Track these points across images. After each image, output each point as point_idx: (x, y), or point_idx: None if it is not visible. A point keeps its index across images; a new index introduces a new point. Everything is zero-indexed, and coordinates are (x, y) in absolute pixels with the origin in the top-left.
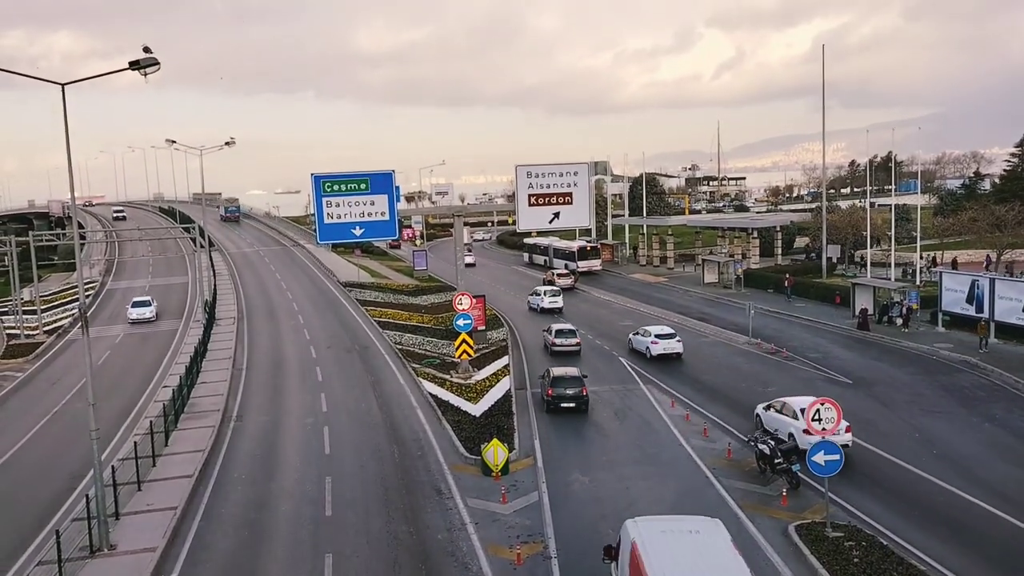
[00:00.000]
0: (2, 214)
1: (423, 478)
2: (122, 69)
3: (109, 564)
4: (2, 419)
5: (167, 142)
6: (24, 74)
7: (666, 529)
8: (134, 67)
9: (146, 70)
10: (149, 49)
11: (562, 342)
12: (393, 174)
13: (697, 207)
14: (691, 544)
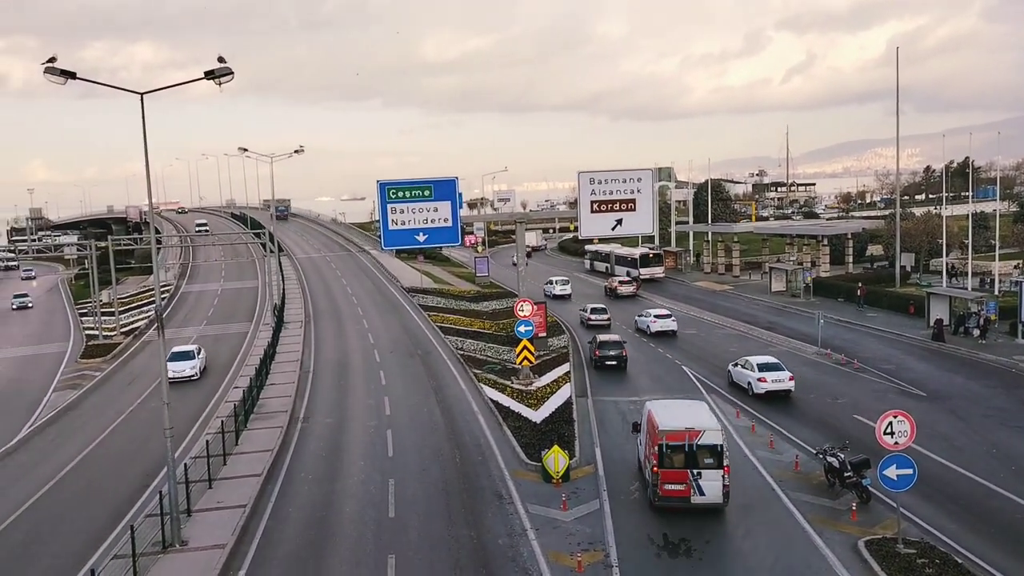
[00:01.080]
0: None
1: (484, 483)
2: (198, 79)
3: (181, 560)
4: (81, 417)
5: (239, 150)
6: (105, 84)
7: (668, 403)
8: (209, 76)
9: (220, 79)
10: (223, 59)
11: (596, 318)
12: (456, 181)
13: (764, 214)
14: (683, 407)
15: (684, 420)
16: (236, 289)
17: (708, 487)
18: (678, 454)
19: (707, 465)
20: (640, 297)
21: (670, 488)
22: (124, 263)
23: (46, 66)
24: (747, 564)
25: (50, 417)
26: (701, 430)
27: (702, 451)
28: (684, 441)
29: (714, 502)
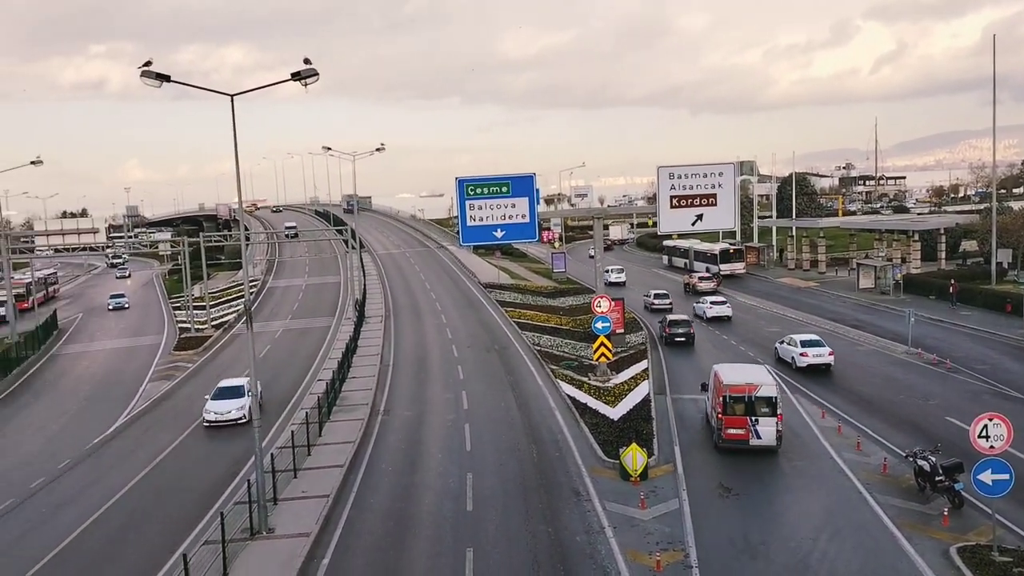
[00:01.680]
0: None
1: (561, 479)
2: (284, 80)
3: (267, 546)
4: (174, 407)
5: (323, 148)
6: (198, 86)
7: (732, 365)
8: (295, 78)
9: (306, 80)
10: (309, 61)
11: (658, 302)
12: (534, 177)
13: (851, 208)
14: (745, 368)
15: (745, 377)
16: (319, 284)
17: (764, 432)
18: (739, 404)
19: (763, 414)
20: (720, 294)
21: (732, 432)
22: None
23: (143, 70)
24: (832, 569)
25: (145, 407)
26: (759, 384)
27: (759, 402)
28: (744, 394)
29: (768, 444)
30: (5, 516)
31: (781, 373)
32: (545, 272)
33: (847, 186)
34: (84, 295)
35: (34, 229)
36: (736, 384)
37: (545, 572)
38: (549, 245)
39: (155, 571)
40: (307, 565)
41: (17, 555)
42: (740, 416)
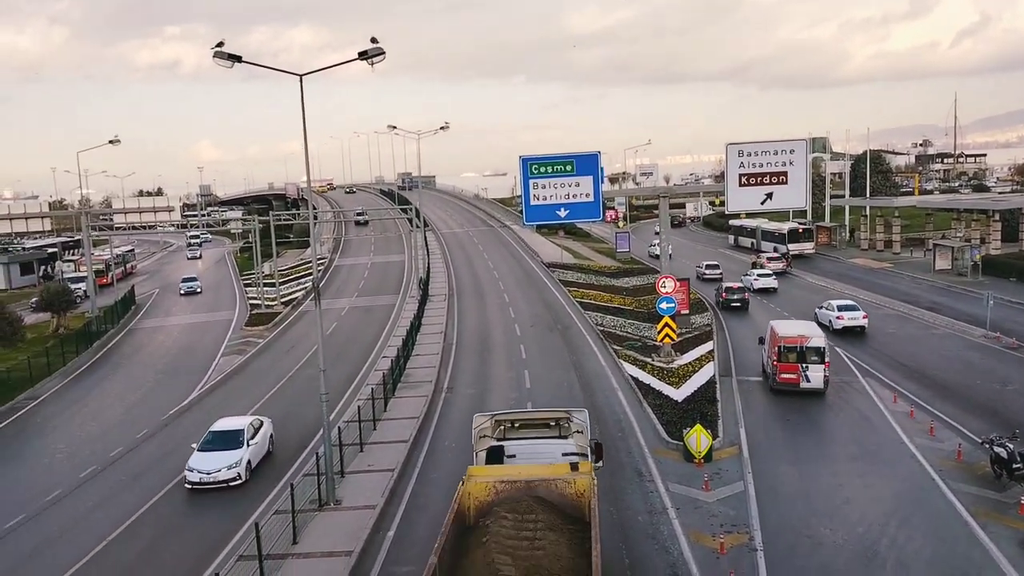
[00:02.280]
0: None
1: (624, 459)
2: (352, 59)
3: (335, 517)
4: (246, 380)
5: (388, 128)
6: (268, 66)
7: (786, 321)
8: (363, 57)
9: (373, 59)
10: (376, 40)
11: (709, 272)
12: (598, 155)
13: (928, 187)
14: (797, 323)
15: (797, 330)
16: (384, 263)
17: (813, 377)
18: (792, 353)
19: (813, 361)
20: (790, 275)
21: (785, 376)
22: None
23: (215, 51)
24: (902, 556)
25: (219, 380)
26: (810, 336)
27: (809, 351)
28: (796, 344)
29: (816, 387)
30: (86, 483)
31: (853, 356)
32: (609, 252)
33: (924, 164)
34: (160, 272)
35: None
36: (790, 336)
37: (606, 550)
38: (613, 224)
39: (228, 539)
40: (373, 536)
41: (96, 521)
42: (793, 363)
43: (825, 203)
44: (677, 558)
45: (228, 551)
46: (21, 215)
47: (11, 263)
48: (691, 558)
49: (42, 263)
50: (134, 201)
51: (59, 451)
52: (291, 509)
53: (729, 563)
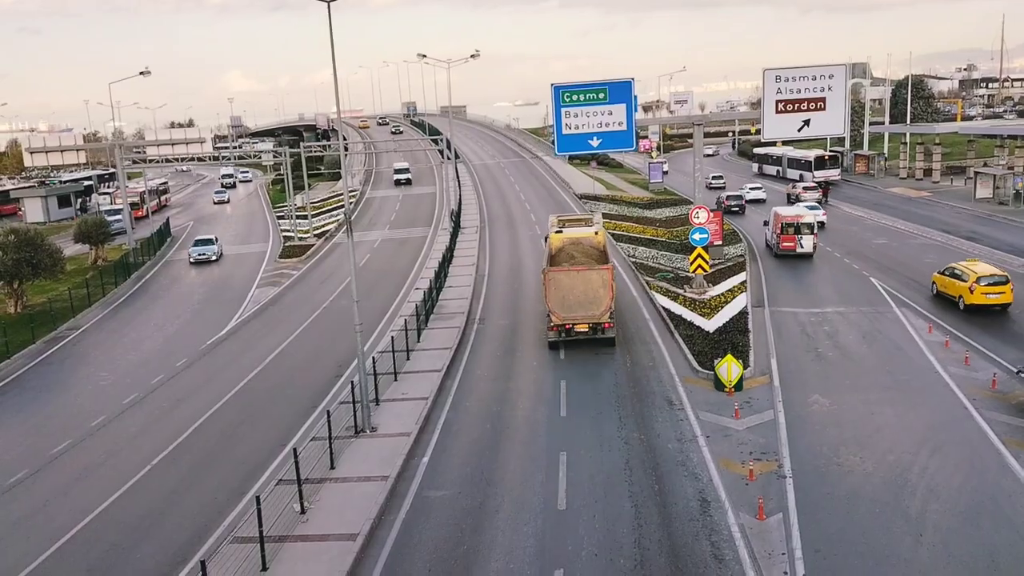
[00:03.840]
0: (277, 127)
1: (654, 388)
2: None
3: (370, 444)
4: (282, 311)
5: (418, 56)
6: None
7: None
8: None
9: None
10: None
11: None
12: (632, 83)
13: (971, 113)
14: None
15: (795, 212)
16: (416, 195)
17: (806, 243)
18: (791, 228)
19: (805, 233)
20: (829, 204)
21: (786, 244)
22: (315, 169)
23: None
24: (932, 483)
25: (254, 311)
26: (803, 215)
27: (803, 226)
28: (794, 221)
29: (808, 251)
30: (131, 408)
31: (887, 286)
32: (642, 183)
33: (968, 89)
34: (194, 204)
35: (145, 140)
36: (789, 215)
37: (637, 477)
38: (646, 154)
39: (267, 464)
40: (407, 463)
41: (140, 446)
42: (791, 235)
43: (864, 130)
44: (706, 484)
45: (268, 475)
46: (56, 148)
47: (49, 196)
48: (720, 484)
49: (79, 196)
50: (166, 133)
51: (102, 379)
52: (328, 435)
53: (758, 489)
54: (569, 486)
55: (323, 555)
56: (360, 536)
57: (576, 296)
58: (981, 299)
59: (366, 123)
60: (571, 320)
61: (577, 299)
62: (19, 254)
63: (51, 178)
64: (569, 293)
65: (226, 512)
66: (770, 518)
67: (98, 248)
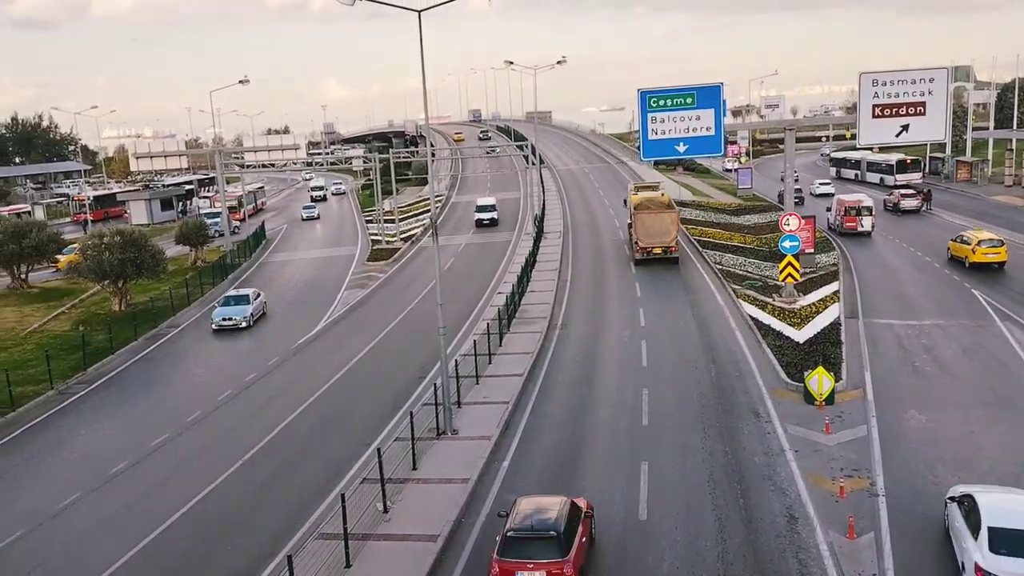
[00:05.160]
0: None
1: (740, 399)
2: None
3: (451, 446)
4: (369, 312)
5: (505, 63)
6: (387, 3)
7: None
8: None
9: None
10: None
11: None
12: (721, 87)
13: None
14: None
15: (856, 197)
16: (500, 200)
17: (865, 223)
18: (852, 209)
19: (864, 215)
20: (931, 214)
21: (849, 224)
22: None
23: None
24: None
25: (343, 312)
26: (863, 199)
27: (863, 209)
28: (855, 204)
29: (867, 230)
30: (225, 404)
31: (991, 298)
32: (730, 188)
33: None
34: (288, 208)
35: (243, 146)
36: (851, 200)
37: (721, 489)
38: (735, 160)
39: (352, 462)
40: (488, 466)
41: (234, 440)
42: (853, 217)
43: (967, 136)
44: (794, 500)
45: (352, 474)
46: (160, 153)
47: (152, 199)
48: (808, 500)
49: (180, 199)
50: (263, 140)
51: (199, 375)
52: (411, 436)
53: (848, 507)
54: (651, 496)
55: (404, 555)
56: (440, 538)
57: (655, 229)
58: (982, 258)
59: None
60: (650, 245)
61: (655, 231)
62: (124, 254)
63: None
64: (650, 227)
65: (312, 508)
66: (861, 537)
67: (197, 249)
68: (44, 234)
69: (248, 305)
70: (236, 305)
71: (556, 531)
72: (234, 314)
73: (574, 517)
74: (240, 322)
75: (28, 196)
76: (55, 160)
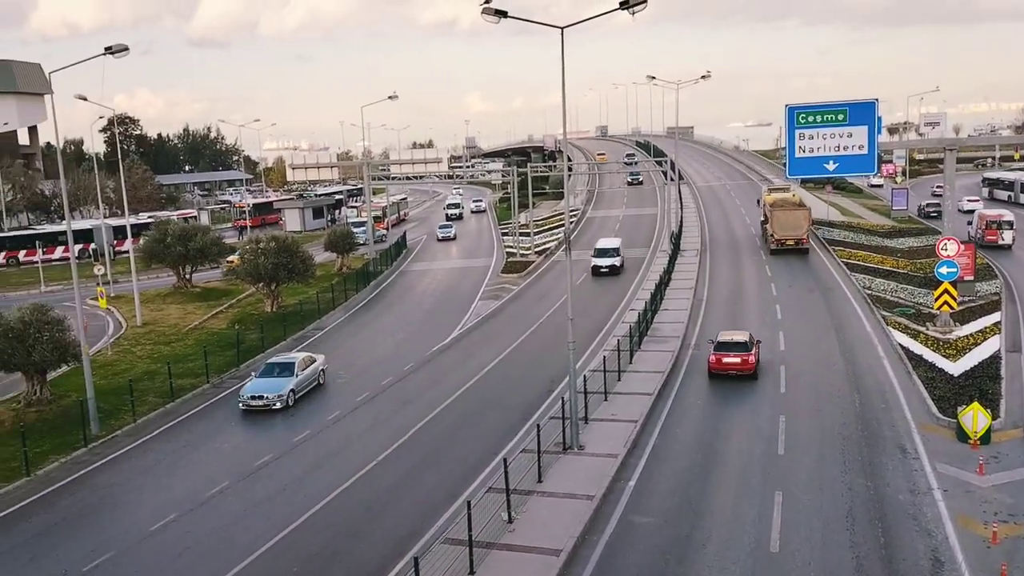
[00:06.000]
0: (507, 148)
1: (886, 433)
2: (613, 10)
3: (577, 462)
4: (501, 323)
5: (647, 78)
6: (531, 20)
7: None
8: (624, 7)
9: (634, 8)
10: None
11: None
12: (875, 103)
13: None
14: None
15: (997, 211)
16: (636, 216)
17: (1006, 236)
18: (994, 223)
19: (1005, 229)
20: None
21: (990, 238)
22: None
23: (483, 7)
24: None
25: (476, 322)
26: (1004, 214)
27: (1003, 224)
28: (997, 219)
29: (1007, 243)
30: (363, 406)
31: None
32: (883, 210)
33: None
34: (428, 219)
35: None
36: (992, 215)
37: (861, 527)
38: (889, 179)
39: (479, 470)
40: (614, 484)
41: (369, 441)
42: (994, 230)
43: None
44: (940, 543)
45: (479, 482)
46: (314, 165)
47: (305, 208)
48: (956, 544)
49: (330, 208)
50: (408, 153)
51: (340, 377)
52: (537, 449)
53: (1001, 554)
54: (784, 528)
55: (527, 567)
56: (564, 552)
57: (788, 224)
58: None
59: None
60: (784, 237)
61: (789, 225)
62: (278, 259)
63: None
64: (784, 222)
65: (440, 512)
66: None
67: (343, 256)
68: (207, 238)
69: (290, 378)
70: (276, 376)
71: (746, 340)
72: (267, 390)
73: (753, 339)
74: (273, 401)
75: (195, 202)
76: (220, 169)
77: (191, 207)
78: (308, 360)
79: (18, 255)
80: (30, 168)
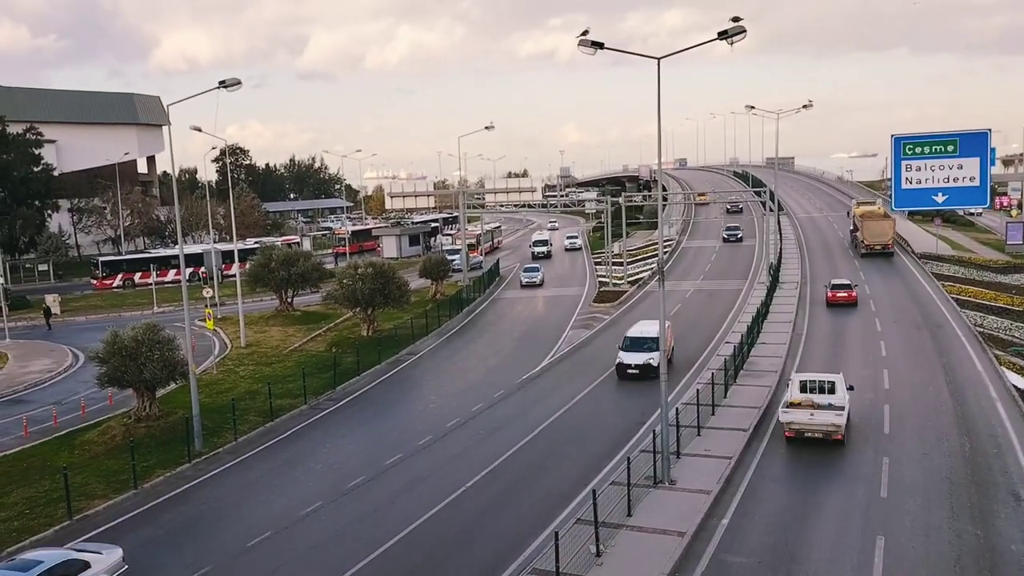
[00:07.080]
0: (602, 177)
1: (998, 478)
2: (711, 40)
3: (668, 496)
4: (592, 353)
5: (746, 107)
6: (627, 51)
7: None
8: (722, 37)
9: (732, 38)
10: (738, 19)
11: None
12: (988, 134)
13: None
14: None
15: None
16: (733, 247)
17: None
18: None
19: None
20: None
21: None
22: (633, 218)
23: (580, 39)
24: None
25: (567, 351)
26: None
27: None
28: None
29: None
30: (453, 431)
31: None
32: (996, 244)
33: None
34: (520, 248)
35: (484, 188)
36: None
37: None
38: (1004, 213)
39: (567, 501)
40: (706, 522)
41: (459, 467)
42: None
43: None
44: None
45: (567, 513)
46: (412, 193)
47: (402, 235)
48: None
49: (426, 236)
50: (502, 182)
51: (431, 401)
52: (627, 482)
53: None
54: (885, 575)
55: None
56: None
57: (876, 231)
58: None
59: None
60: (873, 243)
61: (877, 233)
62: (374, 284)
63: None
64: (873, 230)
65: (527, 542)
66: None
67: (438, 283)
68: (309, 263)
69: None
70: None
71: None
72: None
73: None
74: None
75: (299, 228)
76: (323, 197)
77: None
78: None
79: (134, 277)
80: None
